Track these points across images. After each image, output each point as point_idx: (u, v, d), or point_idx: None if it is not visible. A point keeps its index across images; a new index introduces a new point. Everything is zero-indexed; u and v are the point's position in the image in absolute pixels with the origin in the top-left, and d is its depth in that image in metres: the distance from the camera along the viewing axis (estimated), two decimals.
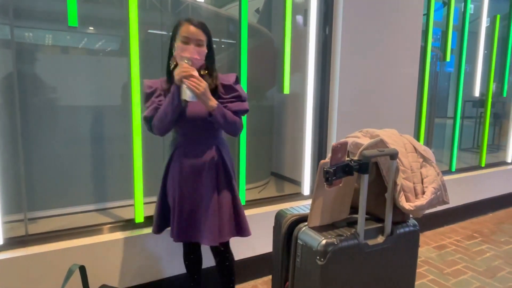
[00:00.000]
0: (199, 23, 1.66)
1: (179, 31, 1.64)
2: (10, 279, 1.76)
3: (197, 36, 1.64)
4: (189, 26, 1.63)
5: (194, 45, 1.63)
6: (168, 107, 1.62)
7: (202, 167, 1.72)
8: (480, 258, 2.87)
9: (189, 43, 1.62)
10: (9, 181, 1.94)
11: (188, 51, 1.61)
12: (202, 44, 1.66)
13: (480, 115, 4.91)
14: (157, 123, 1.67)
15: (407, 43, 3.02)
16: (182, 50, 1.62)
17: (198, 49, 1.64)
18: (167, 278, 2.17)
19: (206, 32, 1.68)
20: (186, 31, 1.62)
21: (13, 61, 2.04)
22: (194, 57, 1.62)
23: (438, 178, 1.50)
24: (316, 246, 1.38)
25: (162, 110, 1.65)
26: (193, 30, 1.63)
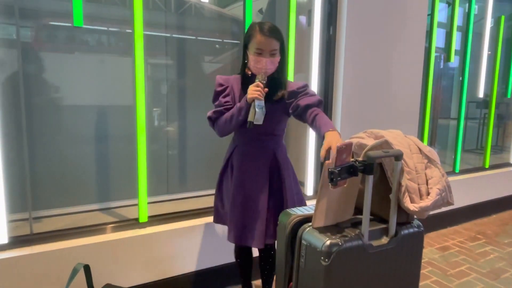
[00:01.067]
0: (271, 30, 1.63)
1: (252, 41, 1.64)
2: (15, 277, 1.77)
3: (270, 46, 1.63)
4: (262, 36, 1.62)
5: (268, 55, 1.64)
6: (233, 119, 1.65)
7: (258, 169, 1.76)
8: (483, 260, 2.86)
9: (263, 55, 1.63)
10: (14, 180, 1.95)
11: (261, 64, 1.63)
12: (276, 53, 1.66)
13: (484, 116, 4.89)
14: (220, 127, 1.71)
15: (411, 43, 3.02)
16: (256, 62, 1.64)
17: (272, 60, 1.65)
18: (172, 277, 2.17)
19: (279, 38, 1.66)
20: (259, 43, 1.62)
21: (18, 61, 2.05)
22: (268, 68, 1.64)
23: (443, 179, 1.50)
24: (320, 247, 1.38)
25: (228, 117, 1.67)
26: (266, 41, 1.62)
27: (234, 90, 1.74)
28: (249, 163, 1.76)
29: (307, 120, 1.69)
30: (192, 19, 2.91)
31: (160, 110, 2.69)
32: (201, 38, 2.93)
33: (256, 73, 1.67)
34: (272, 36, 1.63)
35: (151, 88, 2.64)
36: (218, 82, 1.74)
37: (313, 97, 1.72)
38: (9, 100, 2.05)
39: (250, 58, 1.67)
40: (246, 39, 1.70)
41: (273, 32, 1.64)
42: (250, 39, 1.66)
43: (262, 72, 1.65)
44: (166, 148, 2.75)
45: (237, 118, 1.65)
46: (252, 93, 1.58)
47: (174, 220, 2.22)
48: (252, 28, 1.66)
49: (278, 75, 1.72)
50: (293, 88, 1.74)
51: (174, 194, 2.71)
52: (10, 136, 1.98)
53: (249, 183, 1.76)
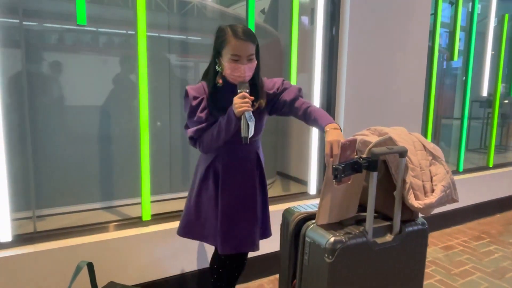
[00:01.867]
0: (246, 33, 1.48)
1: (226, 48, 1.48)
2: (19, 275, 1.78)
3: (247, 51, 1.48)
4: (236, 41, 1.46)
5: (246, 61, 1.48)
6: (221, 135, 1.51)
7: (244, 175, 1.65)
8: (488, 259, 2.85)
9: (240, 61, 1.48)
10: (18, 179, 1.96)
11: (240, 71, 1.48)
12: (253, 58, 1.52)
13: (487, 115, 4.88)
14: (205, 145, 1.56)
15: (415, 43, 3.01)
16: (234, 70, 1.48)
17: (249, 65, 1.50)
18: (175, 276, 2.17)
19: (254, 41, 1.51)
20: (235, 49, 1.46)
21: (22, 61, 2.06)
22: (246, 75, 1.50)
23: (448, 176, 1.49)
24: (324, 244, 1.38)
25: (214, 136, 1.52)
26: (242, 46, 1.46)
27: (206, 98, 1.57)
28: (237, 169, 1.64)
29: (298, 116, 1.63)
30: (195, 19, 2.91)
31: (163, 110, 2.70)
32: (203, 37, 2.93)
33: (234, 81, 1.52)
34: (248, 40, 1.48)
35: (154, 87, 2.65)
36: (192, 95, 1.54)
37: (292, 90, 1.63)
38: (13, 100, 2.06)
39: (225, 66, 1.50)
40: (217, 44, 1.52)
41: (248, 35, 1.48)
42: (223, 45, 1.49)
43: (241, 80, 1.50)
44: (169, 147, 2.75)
45: (227, 133, 1.51)
46: (241, 106, 1.43)
47: (177, 219, 2.21)
48: (224, 33, 1.49)
49: (255, 82, 1.57)
50: (270, 88, 1.64)
51: (177, 192, 2.71)
52: (14, 135, 1.99)
53: (240, 189, 1.65)
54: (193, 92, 1.55)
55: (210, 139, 1.54)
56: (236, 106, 1.45)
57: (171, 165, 2.76)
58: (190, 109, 1.56)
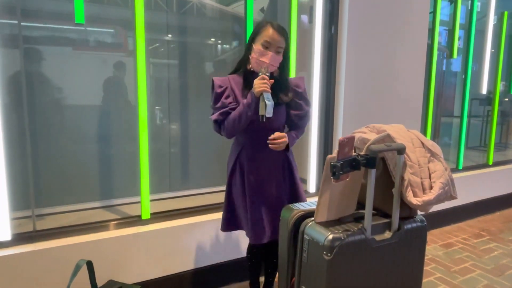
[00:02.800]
0: (282, 29, 1.65)
1: (262, 34, 1.63)
2: (19, 274, 1.78)
3: (279, 43, 1.63)
4: (273, 31, 1.62)
5: (274, 51, 1.63)
6: (243, 115, 1.62)
7: (268, 169, 1.75)
8: (487, 257, 2.85)
9: (269, 49, 1.62)
10: (17, 178, 1.96)
11: (266, 58, 1.61)
12: (281, 51, 1.66)
13: (487, 113, 4.87)
14: (229, 127, 1.67)
15: (414, 41, 3.01)
16: (261, 55, 1.62)
17: (276, 57, 1.64)
18: (174, 274, 2.18)
19: (286, 38, 1.67)
20: (269, 36, 1.61)
21: (20, 60, 2.06)
22: (271, 64, 1.63)
23: (446, 173, 1.49)
24: (323, 241, 1.38)
25: (236, 117, 1.63)
26: (276, 37, 1.62)
27: (234, 90, 1.70)
28: (262, 161, 1.74)
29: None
30: (194, 18, 2.91)
31: (162, 108, 2.70)
32: (203, 36, 2.93)
33: (257, 68, 1.65)
34: (282, 34, 1.64)
35: (153, 86, 2.65)
36: (217, 84, 1.68)
37: (306, 117, 1.81)
38: (12, 99, 2.06)
39: (255, 50, 1.64)
40: (254, 32, 1.68)
41: (283, 31, 1.66)
42: (259, 32, 1.65)
43: (265, 66, 1.62)
44: (168, 146, 2.76)
45: (246, 114, 1.62)
46: (260, 86, 1.56)
47: (176, 217, 2.22)
48: (263, 24, 1.66)
49: (281, 77, 1.72)
50: (299, 87, 1.77)
51: (176, 191, 2.71)
52: (13, 134, 1.99)
53: (265, 181, 1.75)
54: (219, 82, 1.69)
55: (232, 122, 1.65)
56: (255, 86, 1.57)
57: (170, 164, 2.76)
58: (215, 95, 1.68)
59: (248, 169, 1.74)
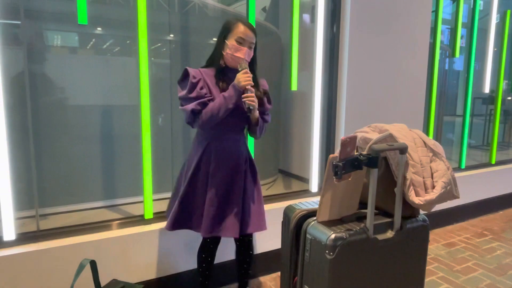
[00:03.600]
0: (252, 26, 1.74)
1: (234, 30, 1.70)
2: (23, 273, 1.79)
3: (251, 39, 1.72)
4: (245, 28, 1.70)
5: (247, 47, 1.71)
6: (222, 108, 1.65)
7: (235, 162, 1.78)
8: (490, 256, 2.85)
9: (243, 44, 1.70)
10: (21, 178, 1.98)
11: (241, 53, 1.69)
12: (253, 47, 1.75)
13: (490, 112, 4.86)
14: (206, 119, 1.68)
15: (416, 40, 3.00)
16: (236, 50, 1.69)
17: (249, 52, 1.73)
18: (176, 274, 2.18)
19: (256, 35, 1.76)
20: (242, 32, 1.69)
21: (24, 61, 2.07)
22: (245, 59, 1.70)
23: (448, 173, 1.49)
24: (325, 240, 1.38)
25: (215, 108, 1.65)
26: (249, 33, 1.70)
27: (207, 82, 1.73)
28: (226, 156, 1.77)
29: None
30: (196, 18, 2.92)
31: (164, 108, 2.71)
32: (205, 36, 2.94)
33: (232, 63, 1.71)
34: (253, 31, 1.73)
35: (155, 87, 2.66)
36: (191, 74, 1.69)
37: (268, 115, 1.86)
38: (16, 100, 2.07)
39: (229, 46, 1.70)
40: (225, 30, 1.73)
41: (253, 27, 1.74)
42: (231, 29, 1.71)
43: (244, 61, 1.69)
44: (170, 146, 2.77)
45: (227, 107, 1.65)
46: (245, 80, 1.62)
47: None
48: (234, 20, 1.73)
49: (253, 72, 1.76)
50: (266, 87, 1.86)
51: None
52: (17, 135, 2.00)
53: (227, 176, 1.77)
54: (193, 72, 1.70)
55: (210, 114, 1.66)
56: (240, 80, 1.62)
57: (173, 164, 2.77)
58: (190, 85, 1.68)
59: (215, 163, 1.75)
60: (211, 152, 1.77)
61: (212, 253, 1.95)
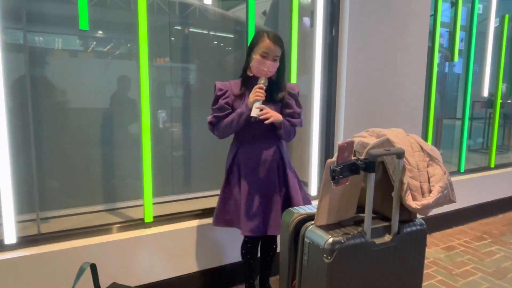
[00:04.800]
0: (278, 39, 1.84)
1: (260, 44, 1.82)
2: (23, 276, 1.80)
3: (275, 52, 1.82)
4: (269, 42, 1.81)
5: (271, 60, 1.82)
6: (234, 122, 1.83)
7: (266, 165, 1.90)
8: (489, 259, 2.85)
9: (267, 58, 1.81)
10: (22, 181, 1.99)
11: (265, 66, 1.81)
12: (277, 59, 1.86)
13: (489, 115, 4.87)
14: (220, 130, 1.88)
15: (414, 43, 3.02)
16: (260, 64, 1.82)
17: (274, 64, 1.84)
18: (177, 277, 2.19)
19: (282, 46, 1.86)
20: (266, 47, 1.81)
21: (25, 65, 2.09)
22: (269, 71, 1.83)
23: (445, 177, 1.51)
24: (323, 244, 1.40)
25: (229, 121, 1.84)
26: (273, 47, 1.81)
27: (233, 91, 1.90)
28: (258, 158, 1.90)
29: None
30: (196, 22, 2.94)
31: (165, 112, 2.73)
32: (205, 40, 2.96)
33: (258, 74, 1.85)
34: (278, 44, 1.83)
35: (156, 90, 2.67)
36: (218, 87, 1.89)
37: (301, 120, 2.00)
38: (17, 103, 2.09)
39: (254, 59, 1.84)
40: (253, 42, 1.87)
41: (279, 40, 1.84)
42: (257, 43, 1.84)
43: (263, 75, 1.83)
44: (171, 149, 2.78)
45: (238, 122, 1.83)
46: (254, 96, 1.78)
47: (179, 220, 2.24)
48: (261, 34, 1.85)
49: (278, 80, 1.92)
50: (294, 90, 1.98)
51: (178, 194, 2.73)
52: (18, 138, 2.02)
53: (262, 176, 1.90)
54: (220, 85, 1.90)
55: (224, 126, 1.86)
56: (250, 96, 1.79)
57: (172, 167, 2.78)
58: (214, 97, 1.89)
59: (245, 166, 1.90)
60: (241, 158, 1.92)
61: (254, 252, 2.07)
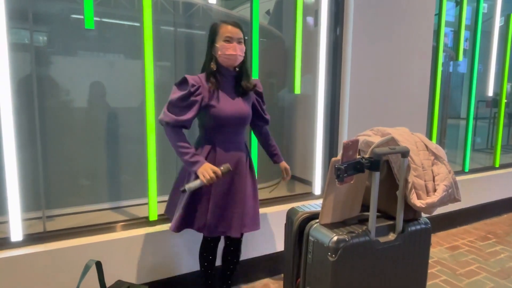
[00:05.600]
0: (236, 23, 1.78)
1: (220, 32, 1.75)
2: (29, 273, 1.82)
3: (238, 34, 1.76)
4: (230, 26, 1.75)
5: (236, 43, 1.75)
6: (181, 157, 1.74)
7: (237, 165, 1.82)
8: (494, 259, 2.84)
9: (231, 41, 1.74)
10: (28, 180, 2.00)
11: (232, 49, 1.73)
12: (242, 41, 1.78)
13: (494, 115, 4.85)
14: (169, 138, 1.76)
15: (419, 43, 3.01)
16: (226, 49, 1.73)
17: (240, 47, 1.76)
18: (181, 275, 2.20)
19: (243, 30, 1.80)
20: (228, 31, 1.74)
21: (31, 64, 2.11)
22: (238, 54, 1.75)
23: (450, 176, 1.50)
24: (327, 243, 1.40)
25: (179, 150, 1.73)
26: (234, 30, 1.75)
27: (205, 88, 1.77)
28: (229, 159, 1.79)
29: (260, 135, 2.07)
30: (200, 21, 2.94)
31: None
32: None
33: (227, 63, 1.77)
34: (238, 27, 1.77)
35: (160, 89, 2.68)
36: (191, 83, 1.73)
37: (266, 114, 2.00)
38: (23, 102, 2.11)
39: (219, 47, 1.75)
40: (212, 34, 1.79)
41: (238, 24, 1.78)
42: (217, 32, 1.77)
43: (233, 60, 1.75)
44: None
45: (184, 161, 1.74)
46: (204, 176, 1.65)
47: None
48: (218, 23, 1.78)
49: (244, 67, 1.85)
50: (260, 88, 1.96)
51: None
52: (24, 137, 2.04)
53: (230, 178, 1.80)
54: (192, 80, 1.74)
55: (174, 144, 1.74)
56: (203, 173, 1.65)
57: (177, 166, 2.78)
58: (186, 92, 1.72)
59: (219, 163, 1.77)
60: (215, 155, 1.80)
61: (214, 252, 1.97)
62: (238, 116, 1.79)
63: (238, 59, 1.77)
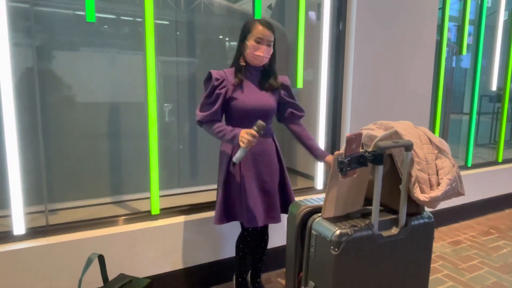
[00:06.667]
0: (270, 24, 1.82)
1: (253, 31, 1.80)
2: (32, 267, 1.83)
3: (268, 37, 1.81)
4: (263, 27, 1.79)
5: (265, 45, 1.80)
6: (223, 138, 1.79)
7: (265, 156, 1.89)
8: (496, 254, 2.84)
9: (262, 43, 1.79)
10: (31, 174, 2.00)
11: (261, 51, 1.79)
12: (271, 44, 1.84)
13: (497, 110, 4.83)
14: (208, 131, 1.83)
15: (422, 37, 2.99)
16: (256, 49, 1.79)
17: (268, 49, 1.82)
18: (183, 269, 2.21)
19: (274, 33, 1.84)
20: (260, 33, 1.79)
21: (33, 60, 2.10)
22: (265, 55, 1.81)
23: (454, 170, 1.49)
24: (330, 236, 1.40)
25: (219, 134, 1.79)
26: (266, 32, 1.80)
27: (230, 81, 1.84)
28: (258, 152, 1.86)
29: (295, 131, 2.06)
30: (202, 15, 2.93)
31: (171, 105, 2.73)
32: (211, 33, 2.95)
33: (253, 61, 1.83)
34: (271, 29, 1.82)
35: (162, 83, 2.68)
36: (214, 77, 1.80)
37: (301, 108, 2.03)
38: (25, 97, 2.10)
39: (249, 46, 1.80)
40: (245, 30, 1.84)
41: (271, 25, 1.83)
42: (250, 30, 1.81)
43: (260, 61, 1.81)
44: (177, 142, 2.79)
45: (223, 139, 1.80)
46: (243, 141, 1.66)
47: (185, 213, 2.25)
48: (253, 22, 1.83)
49: (271, 66, 1.91)
50: (287, 82, 2.00)
51: (185, 187, 2.74)
52: (26, 131, 2.03)
53: (263, 168, 1.88)
54: (216, 74, 1.82)
55: (213, 132, 1.81)
56: (241, 139, 1.67)
57: (179, 160, 2.79)
58: (210, 87, 1.80)
59: (246, 159, 1.83)
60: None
61: (249, 246, 2.02)
62: (259, 109, 1.83)
63: (264, 61, 1.84)
